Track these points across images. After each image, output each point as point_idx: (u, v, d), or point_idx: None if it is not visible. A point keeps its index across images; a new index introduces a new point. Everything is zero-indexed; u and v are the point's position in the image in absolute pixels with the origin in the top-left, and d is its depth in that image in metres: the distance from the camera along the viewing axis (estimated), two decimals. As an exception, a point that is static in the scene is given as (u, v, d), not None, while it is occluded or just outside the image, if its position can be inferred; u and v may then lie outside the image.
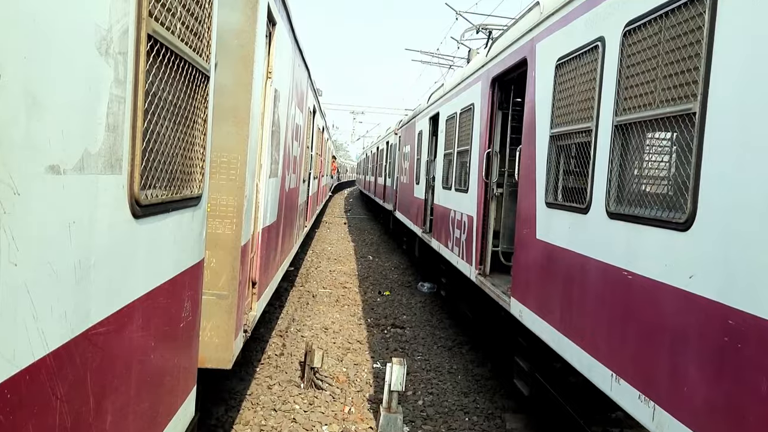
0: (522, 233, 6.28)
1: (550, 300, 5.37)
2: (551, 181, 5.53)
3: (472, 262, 8.49)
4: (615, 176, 4.30)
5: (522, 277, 6.23)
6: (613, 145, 4.30)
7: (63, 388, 1.84)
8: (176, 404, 3.27)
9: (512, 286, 6.55)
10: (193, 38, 2.98)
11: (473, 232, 8.47)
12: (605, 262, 4.31)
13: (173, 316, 3.06)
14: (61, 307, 1.81)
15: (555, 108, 5.48)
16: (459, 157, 9.87)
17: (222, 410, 6.38)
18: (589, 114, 4.72)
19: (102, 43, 2.00)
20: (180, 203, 2.98)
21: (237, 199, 4.73)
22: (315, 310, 11.11)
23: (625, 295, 4.00)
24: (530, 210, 6.01)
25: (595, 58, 4.65)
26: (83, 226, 1.94)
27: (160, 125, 2.59)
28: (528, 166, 6.17)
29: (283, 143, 7.34)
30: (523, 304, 6.10)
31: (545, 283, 5.51)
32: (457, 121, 10.10)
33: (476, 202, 8.37)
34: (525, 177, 6.29)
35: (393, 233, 23.40)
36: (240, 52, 4.70)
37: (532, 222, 5.92)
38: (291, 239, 10.02)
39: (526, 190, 6.19)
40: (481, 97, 8.51)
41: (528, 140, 6.21)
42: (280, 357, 8.36)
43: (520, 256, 6.34)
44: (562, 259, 5.11)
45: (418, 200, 14.73)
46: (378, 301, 12.36)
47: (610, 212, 4.27)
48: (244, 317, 5.47)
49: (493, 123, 8.07)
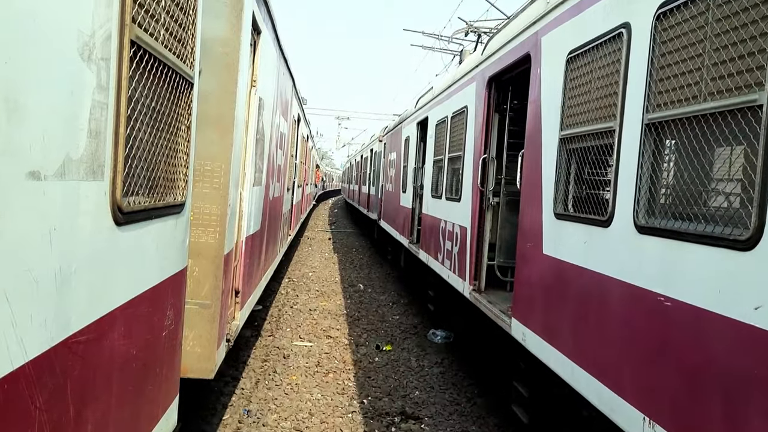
0: (525, 247, 5.65)
1: (560, 323, 4.74)
2: (561, 189, 4.90)
3: (465, 277, 7.77)
4: (646, 184, 3.65)
5: (525, 296, 5.59)
6: (643, 147, 3.65)
7: (42, 396, 1.81)
8: (158, 414, 3.23)
9: (513, 306, 5.87)
10: (177, 44, 2.97)
11: (467, 245, 7.77)
12: (633, 284, 3.67)
13: (155, 325, 3.03)
14: (41, 315, 1.79)
15: (565, 108, 4.87)
16: (450, 164, 9.21)
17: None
18: (610, 112, 4.12)
19: (84, 49, 1.98)
20: (163, 210, 2.96)
21: (220, 208, 4.70)
22: (285, 386, 7.46)
23: (661, 325, 3.37)
24: (535, 222, 5.37)
25: (618, 47, 4.04)
26: (64, 233, 1.92)
27: (143, 131, 2.58)
28: (532, 172, 5.55)
29: (267, 152, 7.32)
30: (526, 326, 5.47)
31: (554, 304, 4.89)
32: (448, 126, 9.47)
33: (470, 212, 7.71)
34: (528, 185, 5.66)
35: (378, 243, 22.19)
36: (224, 60, 4.70)
37: (538, 235, 5.27)
38: (275, 248, 9.98)
39: (530, 199, 5.56)
40: (475, 99, 7.85)
41: (532, 144, 5.59)
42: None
43: (522, 272, 5.69)
44: (576, 278, 4.50)
45: (404, 209, 13.95)
46: (376, 362, 8.80)
47: (639, 226, 3.64)
48: (227, 326, 5.43)
49: (489, 127, 7.42)
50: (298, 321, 10.86)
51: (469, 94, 8.21)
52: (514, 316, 5.84)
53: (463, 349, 9.33)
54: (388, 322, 11.27)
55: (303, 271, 16.59)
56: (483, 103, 7.46)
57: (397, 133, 16.20)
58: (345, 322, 11.04)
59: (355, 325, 10.85)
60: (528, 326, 5.42)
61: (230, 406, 6.68)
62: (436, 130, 10.49)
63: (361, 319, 11.35)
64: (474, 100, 7.93)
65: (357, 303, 12.77)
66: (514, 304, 5.89)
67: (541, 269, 5.21)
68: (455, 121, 9.04)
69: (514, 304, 5.86)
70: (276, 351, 8.95)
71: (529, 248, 5.54)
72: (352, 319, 11.28)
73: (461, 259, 8.05)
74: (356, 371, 8.36)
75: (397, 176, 15.32)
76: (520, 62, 6.25)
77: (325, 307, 12.14)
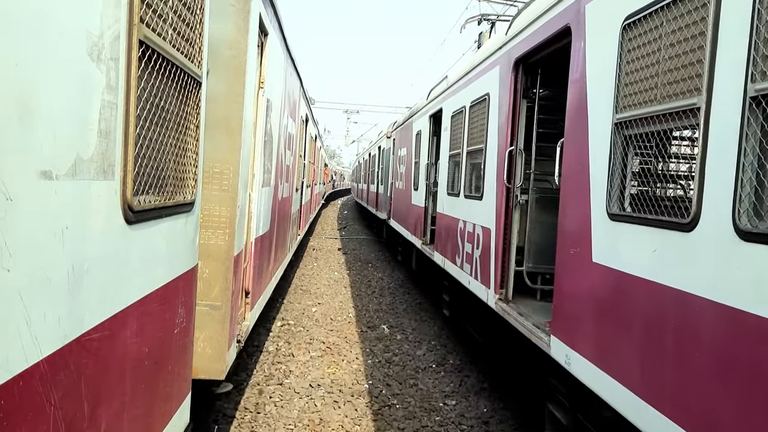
0: (567, 253, 4.81)
1: (619, 348, 3.93)
2: (616, 184, 4.13)
3: (489, 284, 6.95)
4: (751, 175, 2.87)
5: (568, 311, 4.76)
6: (746, 127, 2.88)
7: (57, 394, 1.83)
8: (171, 411, 3.25)
9: (553, 322, 5.05)
10: (185, 44, 2.99)
11: (490, 248, 6.95)
12: (733, 306, 2.89)
13: (167, 322, 3.05)
14: (54, 313, 1.81)
15: (621, 86, 4.07)
16: (469, 159, 8.40)
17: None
18: (691, 85, 3.32)
19: (93, 49, 2.00)
20: (173, 209, 2.98)
21: (229, 210, 4.72)
22: None
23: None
24: (581, 224, 4.56)
25: (703, 2, 3.24)
26: (76, 232, 1.94)
27: (152, 131, 2.60)
28: (575, 165, 4.74)
29: (275, 153, 7.35)
30: (571, 347, 4.64)
31: (611, 324, 4.06)
32: (466, 117, 8.62)
33: (494, 211, 6.90)
34: (571, 180, 4.84)
35: (387, 244, 20.90)
36: (232, 62, 4.72)
37: (585, 240, 4.47)
38: (284, 248, 10.00)
39: (574, 197, 4.75)
40: (499, 85, 7.01)
41: (575, 132, 4.77)
42: None
43: (564, 283, 4.86)
44: (643, 294, 3.69)
45: (416, 208, 12.98)
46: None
47: (742, 231, 2.84)
48: (238, 327, 5.45)
49: (516, 115, 6.54)
50: (289, 418, 6.25)
51: (491, 79, 7.38)
52: (554, 333, 4.99)
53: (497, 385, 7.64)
54: (439, 411, 6.76)
55: (304, 303, 11.93)
56: (509, 89, 6.63)
57: (407, 127, 15.38)
58: (368, 414, 6.54)
59: (388, 422, 6.37)
60: (574, 347, 4.59)
61: None
62: (452, 122, 9.66)
63: (393, 405, 6.85)
64: (497, 86, 7.09)
65: (383, 365, 8.23)
66: (554, 320, 5.03)
67: (591, 281, 4.39)
68: (475, 111, 8.25)
69: (554, 320, 5.02)
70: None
71: (572, 255, 4.72)
72: (379, 405, 6.80)
73: (484, 264, 7.28)
74: None
75: (408, 173, 14.50)
76: (555, 38, 5.48)
77: (335, 378, 7.60)
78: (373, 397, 7.10)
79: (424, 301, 12.66)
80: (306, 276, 15.33)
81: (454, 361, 8.64)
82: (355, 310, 11.67)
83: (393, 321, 10.83)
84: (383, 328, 10.29)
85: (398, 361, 8.51)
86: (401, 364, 8.37)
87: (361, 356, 8.64)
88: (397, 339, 9.70)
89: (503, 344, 7.31)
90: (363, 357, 8.61)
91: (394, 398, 7.09)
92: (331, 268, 16.84)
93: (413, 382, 7.69)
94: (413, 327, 10.46)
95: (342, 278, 15.29)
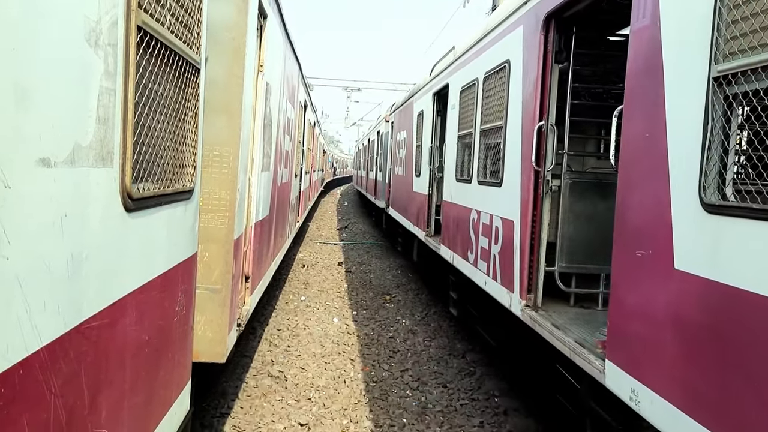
0: (630, 255, 3.74)
1: (732, 397, 2.77)
2: (714, 163, 3.00)
3: (513, 287, 5.91)
4: None
5: (635, 332, 3.68)
6: None
7: (57, 382, 1.83)
8: (171, 398, 3.27)
9: (609, 342, 3.97)
10: (183, 30, 2.96)
11: (514, 244, 5.93)
12: None
13: (167, 310, 3.06)
14: (54, 301, 1.80)
15: (725, 22, 2.93)
16: (483, 138, 7.30)
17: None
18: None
19: (91, 35, 1.98)
20: (172, 196, 2.97)
21: (229, 193, 4.71)
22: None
23: None
24: (654, 216, 3.49)
25: None
26: (75, 220, 1.93)
27: (151, 118, 2.58)
28: (644, 138, 3.66)
29: (275, 137, 7.32)
30: (640, 380, 3.54)
31: (713, 358, 2.93)
32: (479, 90, 7.49)
33: (518, 199, 5.88)
34: (637, 158, 3.75)
35: (386, 233, 19.21)
36: (231, 45, 4.68)
37: (662, 238, 3.38)
38: (284, 234, 10.01)
39: (642, 180, 3.67)
40: (523, 49, 5.93)
41: (642, 95, 3.71)
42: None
43: (628, 294, 3.78)
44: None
45: (418, 196, 11.74)
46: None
47: None
48: (238, 311, 5.47)
49: (547, 83, 5.43)
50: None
51: (513, 43, 6.27)
52: (611, 358, 3.90)
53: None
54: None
55: (289, 362, 7.32)
56: (537, 52, 5.53)
57: (407, 108, 14.01)
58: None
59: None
60: (645, 381, 3.49)
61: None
62: (461, 99, 8.53)
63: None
64: (520, 50, 6.02)
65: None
66: (610, 340, 3.97)
67: (674, 295, 3.28)
68: (490, 83, 7.14)
69: (611, 340, 3.95)
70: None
71: (640, 258, 3.63)
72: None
73: (505, 263, 6.24)
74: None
75: (409, 158, 13.20)
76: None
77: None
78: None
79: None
80: (287, 315, 9.48)
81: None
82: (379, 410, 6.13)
83: (446, 410, 6.27)
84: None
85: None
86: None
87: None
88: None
89: (527, 353, 6.28)
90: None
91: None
92: (328, 302, 10.64)
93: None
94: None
95: (347, 326, 9.14)
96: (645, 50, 3.73)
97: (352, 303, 10.83)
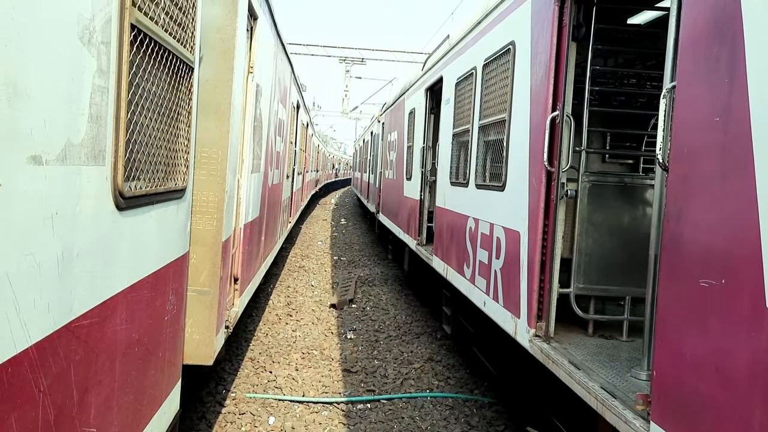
0: (689, 285, 2.75)
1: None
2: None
3: (519, 312, 4.95)
4: None
5: (697, 391, 2.63)
6: None
7: (46, 380, 1.82)
8: (161, 398, 3.25)
9: (656, 400, 2.94)
10: (177, 28, 2.96)
11: (520, 260, 4.98)
12: None
13: (158, 310, 3.04)
14: (43, 299, 1.79)
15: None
16: (483, 135, 6.40)
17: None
18: None
19: (85, 33, 1.97)
20: (164, 195, 2.96)
21: (218, 195, 4.69)
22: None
23: None
24: (731, 230, 2.50)
25: None
26: (66, 218, 1.92)
27: (144, 116, 2.57)
28: (713, 126, 2.67)
29: (265, 139, 7.30)
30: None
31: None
32: (478, 80, 6.59)
33: (526, 206, 4.92)
34: (701, 152, 2.76)
35: (379, 238, 18.30)
36: (220, 46, 4.67)
37: (746, 264, 2.37)
38: (274, 235, 9.98)
39: (708, 181, 2.68)
40: (531, 27, 5.01)
41: (709, 71, 2.73)
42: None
43: (686, 337, 2.75)
44: None
45: (409, 201, 10.89)
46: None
47: None
48: (226, 313, 5.44)
49: (562, 65, 4.48)
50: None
51: (519, 21, 5.36)
52: (659, 422, 2.89)
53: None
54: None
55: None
56: (549, 28, 4.60)
57: (397, 108, 12.94)
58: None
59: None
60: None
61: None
62: (457, 92, 7.59)
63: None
64: (528, 28, 5.11)
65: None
66: (657, 396, 2.93)
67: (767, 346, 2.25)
68: (491, 71, 6.23)
69: (659, 397, 2.92)
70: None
71: (706, 290, 2.63)
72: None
73: (508, 282, 5.29)
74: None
75: (399, 160, 12.30)
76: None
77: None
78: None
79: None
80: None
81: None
82: None
83: None
84: None
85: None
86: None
87: None
88: None
89: (540, 391, 5.22)
90: None
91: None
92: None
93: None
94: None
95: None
96: (710, 11, 2.78)
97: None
